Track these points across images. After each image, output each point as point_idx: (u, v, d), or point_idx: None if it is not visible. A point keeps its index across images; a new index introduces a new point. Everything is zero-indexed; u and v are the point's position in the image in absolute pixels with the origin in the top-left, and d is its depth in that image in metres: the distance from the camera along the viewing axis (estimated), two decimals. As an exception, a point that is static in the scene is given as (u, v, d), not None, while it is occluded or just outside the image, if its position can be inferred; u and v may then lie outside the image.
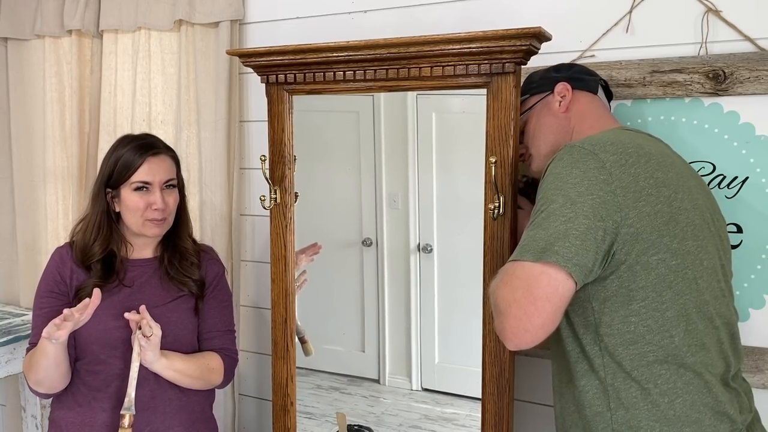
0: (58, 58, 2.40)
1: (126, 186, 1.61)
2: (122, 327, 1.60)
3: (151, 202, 1.61)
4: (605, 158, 1.15)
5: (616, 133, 1.30)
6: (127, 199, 1.62)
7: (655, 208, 1.15)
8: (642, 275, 1.15)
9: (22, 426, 2.42)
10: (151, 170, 1.62)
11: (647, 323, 1.17)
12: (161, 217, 1.63)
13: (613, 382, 1.20)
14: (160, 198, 1.61)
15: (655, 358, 1.17)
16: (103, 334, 1.60)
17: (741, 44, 1.52)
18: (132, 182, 1.61)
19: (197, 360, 1.67)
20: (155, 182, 1.62)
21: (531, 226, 1.17)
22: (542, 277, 1.10)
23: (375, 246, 1.84)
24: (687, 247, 1.18)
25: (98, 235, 1.63)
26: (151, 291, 1.66)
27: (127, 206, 1.62)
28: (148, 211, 1.61)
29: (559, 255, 1.10)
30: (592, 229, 1.11)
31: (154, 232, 1.64)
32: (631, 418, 1.18)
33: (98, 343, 1.60)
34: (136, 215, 1.62)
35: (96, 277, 1.62)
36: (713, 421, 1.17)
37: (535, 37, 1.36)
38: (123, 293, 1.64)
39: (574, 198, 1.13)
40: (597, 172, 1.14)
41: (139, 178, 1.61)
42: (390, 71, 1.53)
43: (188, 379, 1.64)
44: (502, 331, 1.14)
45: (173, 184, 1.67)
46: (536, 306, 1.09)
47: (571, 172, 1.16)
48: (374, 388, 1.89)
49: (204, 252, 1.78)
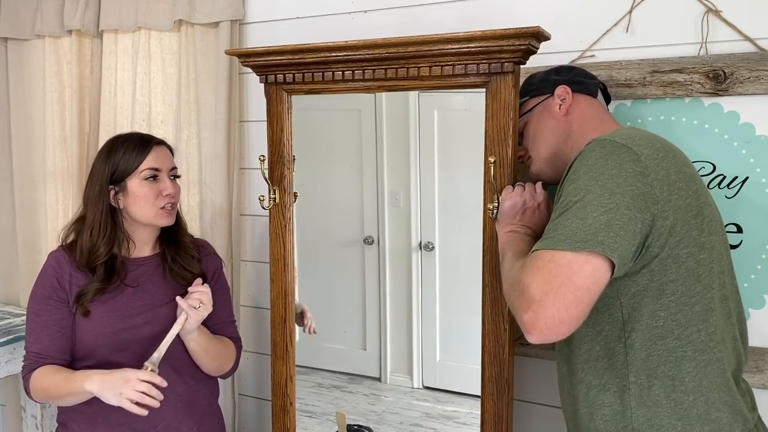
0: (58, 58, 2.40)
1: (134, 177, 1.62)
2: (129, 328, 1.61)
3: (161, 189, 1.64)
4: (640, 151, 1.14)
5: (638, 129, 1.30)
6: (136, 191, 1.62)
7: (686, 202, 1.15)
8: (673, 269, 1.14)
9: (22, 426, 2.42)
10: (159, 157, 1.65)
11: (676, 317, 1.16)
12: (172, 203, 1.66)
13: (637, 380, 1.18)
14: (170, 183, 1.65)
15: (683, 354, 1.16)
16: (111, 337, 1.60)
17: (741, 44, 1.51)
18: (141, 171, 1.62)
19: (218, 341, 1.72)
20: (164, 169, 1.65)
21: (564, 215, 1.13)
22: (587, 266, 1.07)
23: (376, 244, 1.85)
24: (712, 241, 1.18)
25: (104, 235, 1.63)
26: (154, 289, 1.67)
27: (137, 197, 1.62)
28: (159, 199, 1.63)
29: (604, 245, 1.07)
30: (632, 221, 1.10)
31: (167, 220, 1.66)
32: (652, 416, 1.18)
33: (107, 346, 1.60)
34: (148, 205, 1.63)
35: (99, 280, 1.61)
36: (730, 419, 1.17)
37: (533, 37, 1.36)
38: (126, 293, 1.64)
39: (612, 188, 1.11)
40: (633, 164, 1.13)
41: (148, 165, 1.63)
42: (389, 71, 1.53)
43: (207, 357, 1.68)
44: (533, 321, 1.07)
45: (177, 175, 1.71)
46: (576, 296, 1.06)
47: (607, 164, 1.14)
48: (375, 386, 1.89)
49: (202, 247, 1.79)
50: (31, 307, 1.65)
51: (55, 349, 1.62)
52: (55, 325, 1.62)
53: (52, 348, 1.62)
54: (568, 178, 1.19)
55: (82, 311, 1.60)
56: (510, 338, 1.49)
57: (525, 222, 1.37)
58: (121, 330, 1.60)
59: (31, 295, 1.66)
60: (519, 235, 1.35)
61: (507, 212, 1.37)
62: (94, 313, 1.61)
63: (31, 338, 1.64)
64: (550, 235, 1.13)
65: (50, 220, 2.47)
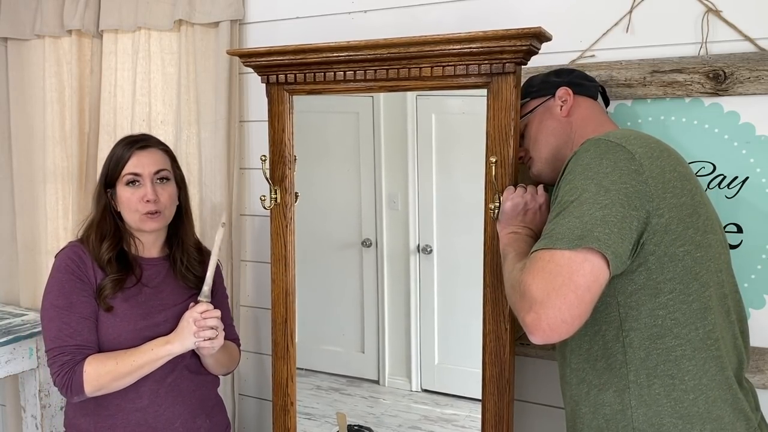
0: (58, 58, 2.40)
1: (120, 182, 1.63)
2: (150, 326, 1.62)
3: (141, 195, 1.61)
4: (634, 150, 1.15)
5: (632, 130, 1.30)
6: (121, 196, 1.63)
7: (681, 200, 1.15)
8: (669, 267, 1.15)
9: (22, 426, 2.41)
10: (139, 162, 1.63)
11: (675, 316, 1.16)
12: (154, 210, 1.62)
13: (636, 379, 1.19)
14: (150, 190, 1.62)
15: (683, 353, 1.16)
16: (132, 335, 1.60)
17: (741, 44, 1.52)
18: (123, 176, 1.63)
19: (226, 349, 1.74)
20: (144, 174, 1.63)
21: (561, 214, 1.14)
22: (585, 264, 1.07)
23: (375, 247, 1.84)
24: (708, 240, 1.19)
25: (105, 234, 1.64)
26: (170, 291, 1.69)
27: (122, 203, 1.64)
28: (141, 204, 1.62)
29: (600, 241, 1.07)
30: (628, 218, 1.10)
31: (151, 226, 1.64)
32: (653, 416, 1.18)
33: (128, 343, 1.60)
34: (131, 210, 1.63)
35: (114, 273, 1.62)
36: (732, 418, 1.17)
37: (535, 37, 1.36)
38: (144, 293, 1.65)
39: (607, 186, 1.12)
40: (628, 162, 1.14)
41: (128, 170, 1.62)
42: (390, 71, 1.53)
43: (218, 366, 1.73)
44: (536, 322, 1.07)
45: (166, 177, 1.67)
46: (577, 295, 1.06)
47: (602, 163, 1.15)
48: (374, 389, 1.89)
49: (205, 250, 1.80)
50: (57, 303, 1.58)
51: (94, 340, 1.59)
52: (91, 317, 1.59)
53: (92, 339, 1.58)
54: (564, 177, 1.20)
55: (105, 307, 1.59)
56: (511, 338, 1.49)
57: (526, 223, 1.37)
58: (143, 327, 1.61)
59: (55, 291, 1.59)
60: (520, 236, 1.35)
61: (508, 213, 1.38)
62: (117, 310, 1.61)
63: (64, 333, 1.56)
64: (548, 234, 1.13)
65: (50, 220, 2.47)
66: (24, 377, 2.35)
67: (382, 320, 1.86)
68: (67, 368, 1.55)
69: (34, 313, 2.44)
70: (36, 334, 2.24)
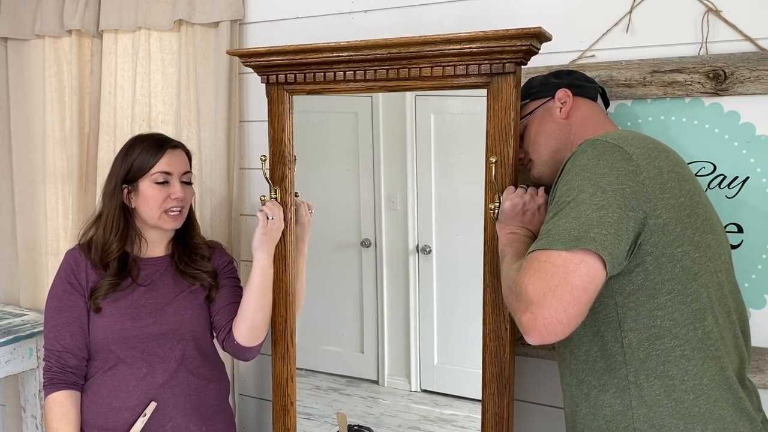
0: (58, 58, 2.40)
1: (146, 179, 1.66)
2: (139, 326, 1.64)
3: (170, 193, 1.66)
4: (631, 151, 1.15)
5: (630, 131, 1.30)
6: (146, 192, 1.66)
7: (679, 201, 1.15)
8: (668, 267, 1.15)
9: (22, 426, 2.41)
10: (171, 162, 1.68)
11: (674, 316, 1.16)
12: (179, 208, 1.68)
13: (636, 380, 1.18)
14: (179, 188, 1.67)
15: (682, 353, 1.16)
16: (120, 334, 1.63)
17: (741, 44, 1.52)
18: (153, 173, 1.66)
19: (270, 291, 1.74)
20: (175, 173, 1.68)
21: (558, 215, 1.14)
22: (582, 265, 1.07)
23: (374, 247, 1.84)
24: (707, 240, 1.18)
25: (117, 232, 1.66)
26: (164, 288, 1.70)
27: (146, 198, 1.65)
28: (167, 202, 1.66)
29: (596, 242, 1.07)
30: (624, 219, 1.10)
31: (171, 224, 1.69)
32: (654, 416, 1.17)
33: (116, 343, 1.63)
34: (155, 207, 1.65)
35: (112, 276, 1.64)
36: (735, 418, 1.17)
37: (535, 37, 1.36)
38: (137, 292, 1.67)
39: (604, 187, 1.12)
40: (625, 163, 1.14)
41: (160, 168, 1.66)
42: (390, 71, 1.53)
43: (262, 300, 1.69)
44: (532, 323, 1.07)
45: (189, 180, 1.73)
46: (573, 295, 1.06)
47: (598, 164, 1.15)
48: (373, 389, 1.89)
49: (213, 248, 1.83)
50: (50, 305, 1.67)
51: (76, 345, 1.64)
52: (76, 322, 1.64)
53: (73, 345, 1.64)
54: (561, 178, 1.20)
55: (94, 308, 1.63)
56: (511, 338, 1.49)
57: (525, 223, 1.37)
58: (130, 327, 1.63)
59: (50, 294, 1.69)
60: (519, 237, 1.35)
61: (507, 213, 1.38)
62: (106, 311, 1.64)
63: (51, 335, 1.65)
64: (545, 235, 1.13)
65: (50, 220, 2.47)
66: (24, 377, 2.35)
67: (381, 320, 1.86)
68: (47, 376, 1.65)
69: (34, 313, 2.45)
70: (36, 334, 2.25)
